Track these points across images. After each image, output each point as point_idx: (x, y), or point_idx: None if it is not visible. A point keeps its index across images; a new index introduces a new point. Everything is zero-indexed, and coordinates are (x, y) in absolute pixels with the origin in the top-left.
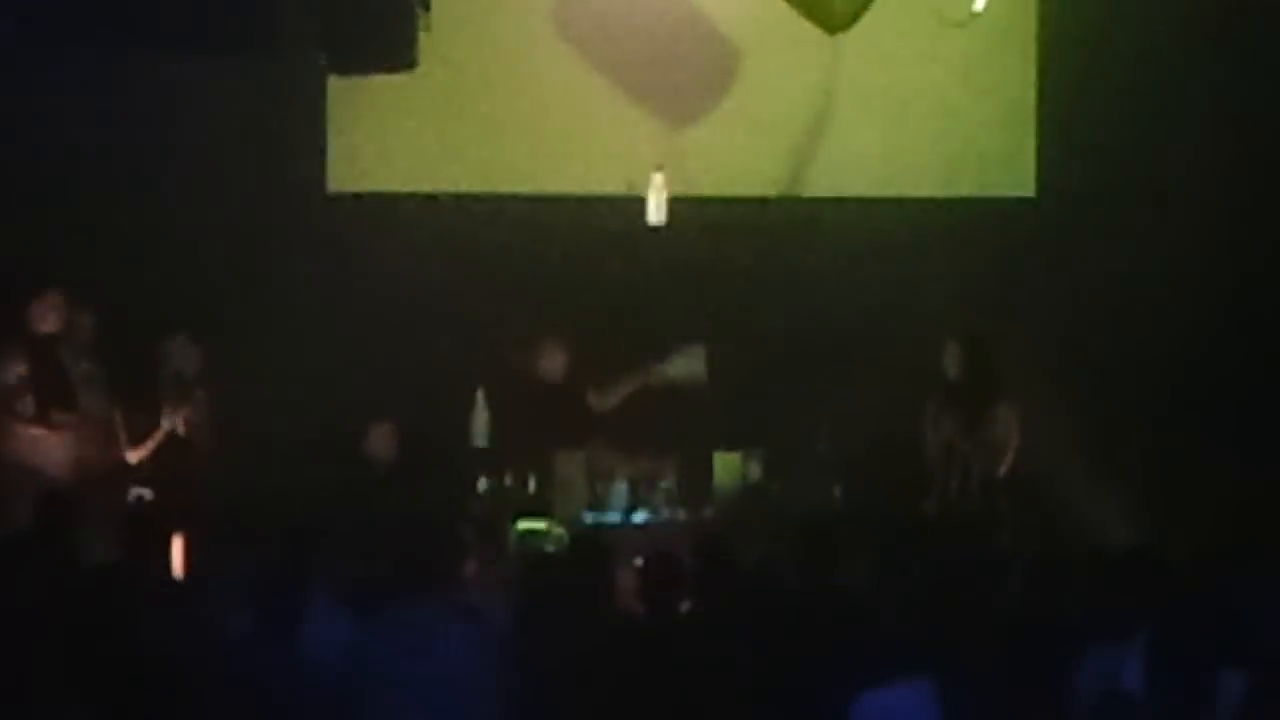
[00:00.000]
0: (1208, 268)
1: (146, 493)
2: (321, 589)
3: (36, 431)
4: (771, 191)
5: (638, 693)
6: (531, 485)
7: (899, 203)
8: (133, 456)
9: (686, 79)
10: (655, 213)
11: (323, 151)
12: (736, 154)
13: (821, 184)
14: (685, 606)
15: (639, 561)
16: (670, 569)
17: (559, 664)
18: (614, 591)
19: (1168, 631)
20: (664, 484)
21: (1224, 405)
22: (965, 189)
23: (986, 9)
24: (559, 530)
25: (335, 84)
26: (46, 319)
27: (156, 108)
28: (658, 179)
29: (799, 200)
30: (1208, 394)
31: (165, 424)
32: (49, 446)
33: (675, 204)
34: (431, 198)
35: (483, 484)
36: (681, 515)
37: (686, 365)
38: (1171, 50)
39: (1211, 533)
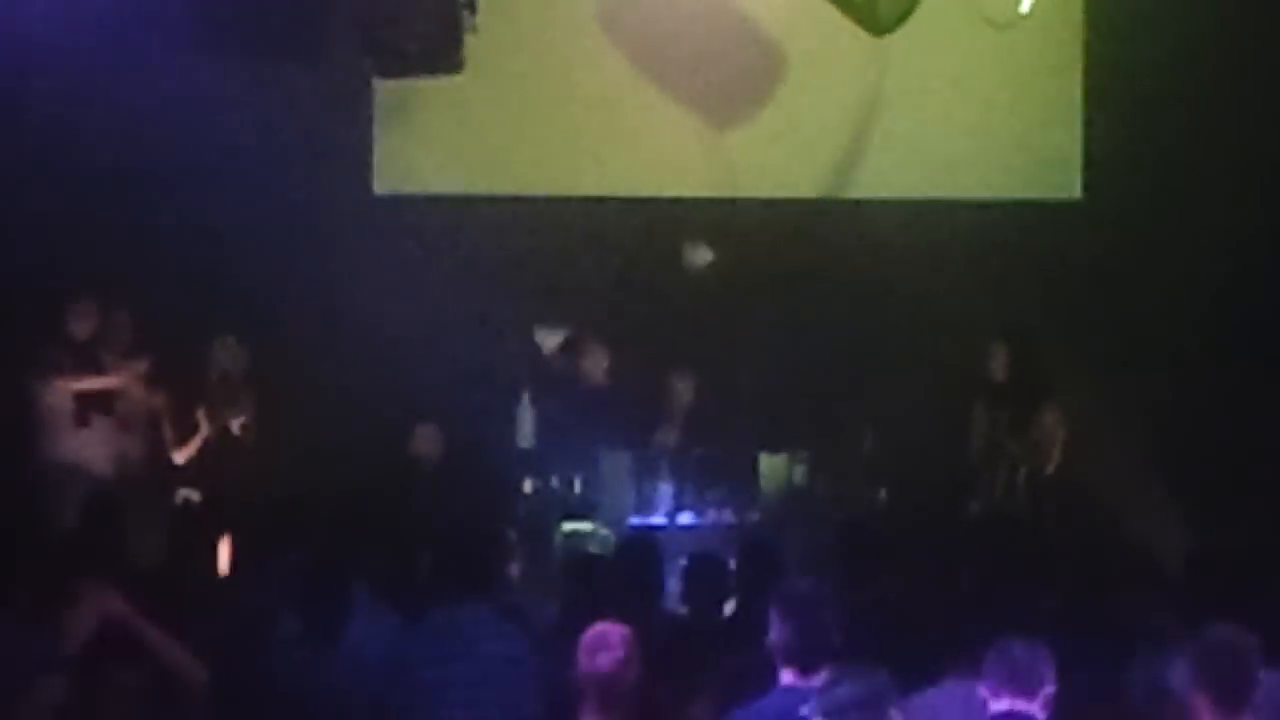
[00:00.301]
0: (1254, 270)
1: (194, 494)
2: (366, 589)
3: (77, 433)
4: (816, 193)
5: (682, 693)
6: (577, 487)
7: (945, 205)
8: (179, 457)
9: (732, 81)
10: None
11: (370, 154)
12: (781, 156)
13: (866, 186)
14: (730, 608)
15: (684, 563)
16: (716, 571)
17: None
18: (659, 593)
19: (1215, 631)
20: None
21: (1272, 407)
22: (1011, 191)
23: (1033, 11)
24: (604, 532)
25: (382, 87)
26: (83, 323)
27: (206, 111)
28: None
29: (843, 202)
30: (1254, 395)
31: (211, 425)
32: (91, 448)
33: (720, 205)
34: (477, 200)
35: (528, 485)
36: (727, 517)
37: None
38: (1217, 53)
39: (1259, 534)
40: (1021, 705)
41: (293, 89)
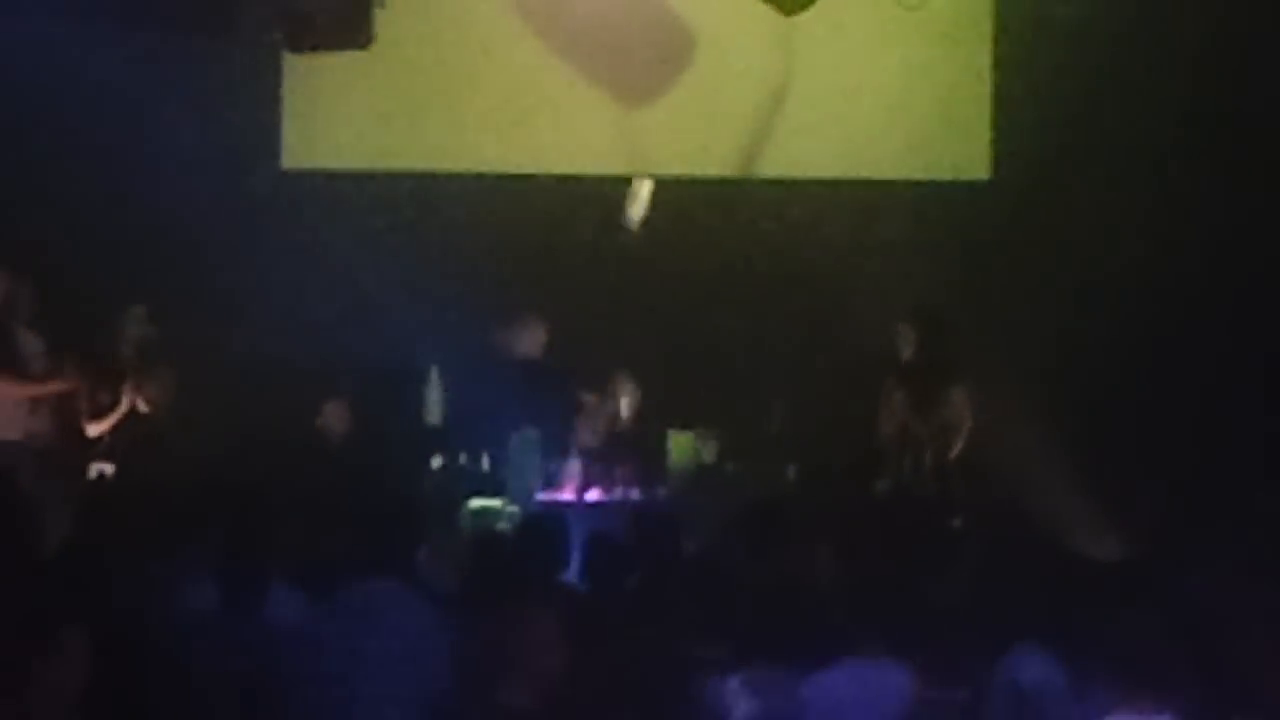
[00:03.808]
0: (1160, 252)
1: (108, 468)
2: (272, 565)
3: None
4: (726, 172)
5: (588, 671)
6: (485, 464)
7: (854, 185)
8: (93, 430)
9: (643, 59)
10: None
11: (278, 129)
12: (692, 135)
13: (776, 165)
14: (635, 585)
15: (590, 540)
16: (621, 548)
17: (510, 642)
18: (565, 570)
19: (1115, 615)
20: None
21: (1177, 390)
22: (920, 172)
23: None
24: (511, 509)
25: (291, 62)
26: None
27: (114, 83)
28: (643, 188)
29: (754, 181)
30: (1163, 377)
31: (125, 398)
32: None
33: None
34: (385, 176)
35: (436, 462)
36: (635, 494)
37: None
38: (1126, 34)
39: (1167, 518)
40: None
41: (202, 62)
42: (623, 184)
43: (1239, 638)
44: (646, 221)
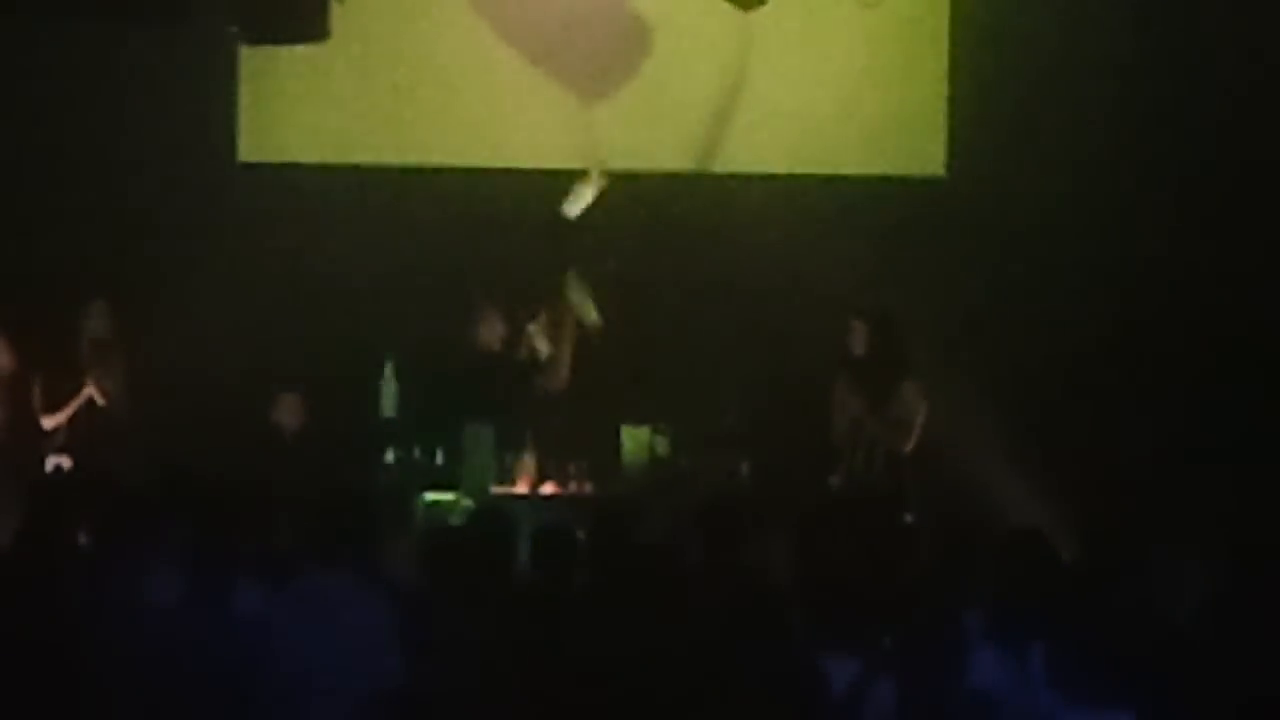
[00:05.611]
0: (1114, 248)
1: (65, 460)
2: (226, 558)
3: None
4: (683, 167)
5: (541, 666)
6: (439, 457)
7: (809, 180)
8: (49, 422)
9: (600, 53)
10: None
11: (234, 121)
12: (648, 129)
13: (732, 160)
14: (587, 580)
15: (544, 534)
16: (574, 542)
17: (463, 635)
18: (518, 564)
19: (1067, 609)
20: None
21: (1132, 385)
22: (875, 167)
23: None
24: (466, 502)
25: (248, 54)
26: None
27: (69, 76)
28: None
29: (709, 176)
30: (1116, 373)
31: (83, 391)
32: None
33: (585, 177)
34: (342, 168)
35: (390, 455)
36: (589, 489)
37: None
38: (1082, 32)
39: (1119, 515)
40: None
41: (158, 53)
42: (578, 177)
43: (1197, 634)
44: (591, 214)
